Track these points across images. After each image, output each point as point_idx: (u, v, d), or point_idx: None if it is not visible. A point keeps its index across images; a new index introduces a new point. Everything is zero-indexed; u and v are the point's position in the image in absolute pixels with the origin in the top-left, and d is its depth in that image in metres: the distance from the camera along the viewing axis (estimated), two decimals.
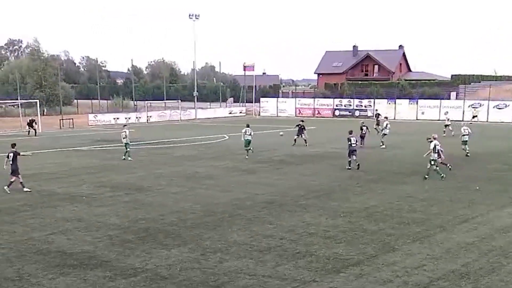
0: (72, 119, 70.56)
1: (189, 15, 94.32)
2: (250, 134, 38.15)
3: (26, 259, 15.92)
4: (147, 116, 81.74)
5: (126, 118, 77.24)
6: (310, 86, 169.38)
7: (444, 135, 49.29)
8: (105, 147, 44.56)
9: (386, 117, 49.19)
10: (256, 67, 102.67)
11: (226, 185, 27.43)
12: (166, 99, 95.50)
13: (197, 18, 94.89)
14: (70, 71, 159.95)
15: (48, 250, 16.73)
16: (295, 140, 44.89)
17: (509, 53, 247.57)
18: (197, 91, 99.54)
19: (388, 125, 44.43)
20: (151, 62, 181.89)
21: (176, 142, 48.43)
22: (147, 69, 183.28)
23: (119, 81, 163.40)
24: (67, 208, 22.46)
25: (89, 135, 55.44)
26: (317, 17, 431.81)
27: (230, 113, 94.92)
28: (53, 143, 47.43)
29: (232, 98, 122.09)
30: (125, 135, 37.38)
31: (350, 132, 32.87)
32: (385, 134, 43.80)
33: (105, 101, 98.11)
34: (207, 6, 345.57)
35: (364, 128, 44.14)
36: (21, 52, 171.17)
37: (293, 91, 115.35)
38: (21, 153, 27.06)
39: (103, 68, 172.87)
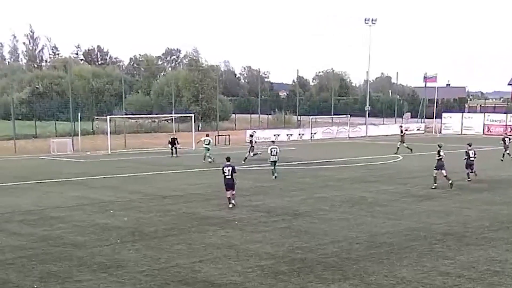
0: (229, 135, 72.44)
1: (365, 20, 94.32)
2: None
3: None
4: (311, 133, 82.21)
5: (287, 135, 78.24)
6: (502, 99, 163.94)
7: None
8: (262, 167, 45.16)
9: None
10: (439, 78, 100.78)
11: (397, 212, 26.96)
12: (334, 114, 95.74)
13: (374, 23, 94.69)
14: (229, 83, 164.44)
15: (194, 279, 17.07)
16: (245, 158, 48.54)
17: None
18: (369, 105, 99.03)
19: None
20: (319, 72, 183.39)
21: (341, 163, 48.33)
22: (314, 81, 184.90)
23: (282, 94, 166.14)
24: (218, 233, 22.90)
25: (245, 153, 56.55)
26: None
27: (406, 130, 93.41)
28: (203, 161, 48.76)
29: (409, 113, 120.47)
30: (276, 152, 38.71)
31: (470, 145, 36.63)
32: None
33: (266, 116, 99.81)
34: (385, 9, 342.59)
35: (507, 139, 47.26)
36: (179, 62, 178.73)
37: (482, 105, 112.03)
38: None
39: (265, 80, 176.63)
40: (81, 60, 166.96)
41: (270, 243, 21.21)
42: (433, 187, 33.87)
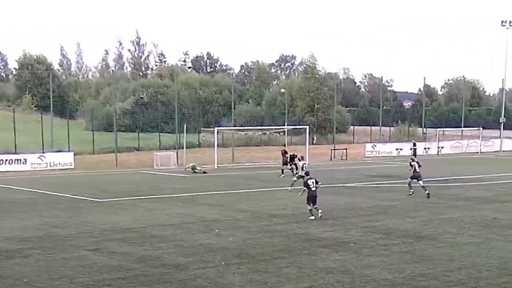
0: (346, 149, 72.11)
1: (502, 22, 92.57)
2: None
3: None
4: (438, 147, 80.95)
5: (411, 149, 77.20)
6: None
7: None
8: (382, 184, 44.77)
9: None
10: None
11: None
12: (464, 127, 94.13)
13: (511, 26, 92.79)
14: (348, 92, 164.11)
15: None
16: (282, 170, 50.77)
17: None
18: (504, 117, 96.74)
19: None
20: (448, 80, 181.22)
21: (471, 180, 47.24)
22: (442, 89, 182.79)
23: (407, 104, 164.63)
24: (331, 256, 22.74)
25: (363, 169, 56.20)
26: None
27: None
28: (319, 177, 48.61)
29: None
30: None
31: None
32: None
33: (387, 128, 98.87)
34: None
35: None
36: (293, 69, 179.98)
37: None
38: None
39: (388, 88, 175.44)
40: (189, 67, 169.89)
41: (389, 268, 20.92)
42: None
